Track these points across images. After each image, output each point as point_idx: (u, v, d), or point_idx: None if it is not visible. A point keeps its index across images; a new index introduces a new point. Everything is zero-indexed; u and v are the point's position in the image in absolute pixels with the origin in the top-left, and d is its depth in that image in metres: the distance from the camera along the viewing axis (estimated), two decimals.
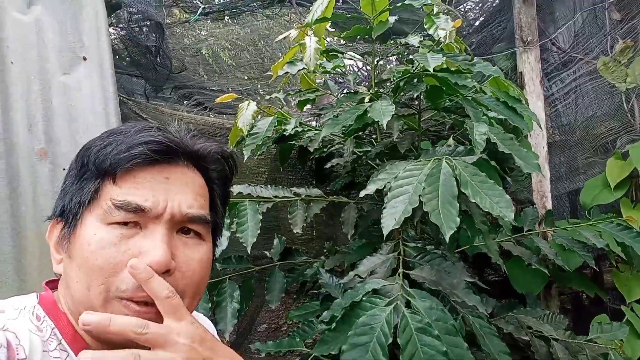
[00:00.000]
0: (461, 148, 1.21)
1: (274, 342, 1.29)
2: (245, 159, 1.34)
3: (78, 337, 0.61)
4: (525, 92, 1.75)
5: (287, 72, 1.36)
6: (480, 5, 2.14)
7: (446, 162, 1.01)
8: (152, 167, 0.62)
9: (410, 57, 1.24)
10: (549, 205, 1.73)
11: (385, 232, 0.92)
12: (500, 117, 1.33)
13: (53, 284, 0.66)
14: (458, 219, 0.91)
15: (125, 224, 0.59)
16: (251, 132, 1.34)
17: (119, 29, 1.64)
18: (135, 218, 0.60)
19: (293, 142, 1.55)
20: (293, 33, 1.30)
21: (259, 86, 3.03)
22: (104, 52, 1.55)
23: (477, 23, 2.06)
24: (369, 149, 1.46)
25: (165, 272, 0.59)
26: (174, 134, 0.64)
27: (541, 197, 1.73)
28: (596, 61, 1.78)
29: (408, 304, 0.87)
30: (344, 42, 1.89)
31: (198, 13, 1.63)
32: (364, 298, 0.86)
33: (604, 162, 1.73)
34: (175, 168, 0.64)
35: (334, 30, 1.67)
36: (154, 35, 1.55)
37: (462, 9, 2.02)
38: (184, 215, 0.62)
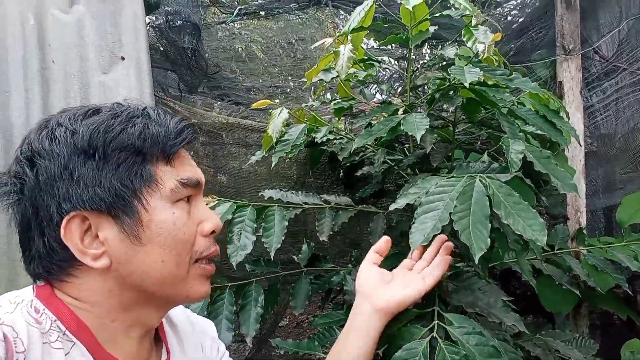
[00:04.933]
0: (495, 165, 1.19)
1: (293, 341, 1.31)
2: (272, 166, 1.35)
3: (82, 325, 0.62)
4: (564, 102, 1.70)
5: (321, 80, 1.36)
6: (519, 7, 2.08)
7: (480, 180, 0.99)
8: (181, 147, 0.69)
9: (448, 69, 1.21)
10: (584, 221, 1.69)
11: (412, 248, 0.91)
12: (538, 131, 1.29)
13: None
14: (489, 240, 0.89)
15: (184, 199, 0.67)
16: (281, 139, 1.35)
17: (156, 29, 1.66)
18: (192, 192, 0.68)
19: (324, 148, 1.55)
20: (328, 41, 1.30)
21: (290, 82, 3.03)
22: (142, 52, 1.57)
23: (516, 26, 2.00)
24: (401, 158, 1.44)
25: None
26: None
27: (575, 212, 1.69)
28: None
29: (447, 333, 0.87)
30: (378, 44, 1.87)
31: (234, 14, 1.63)
32: (402, 328, 0.87)
33: None
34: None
35: (368, 32, 1.64)
36: (190, 36, 1.56)
37: (501, 14, 1.97)
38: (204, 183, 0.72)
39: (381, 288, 0.90)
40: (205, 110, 1.77)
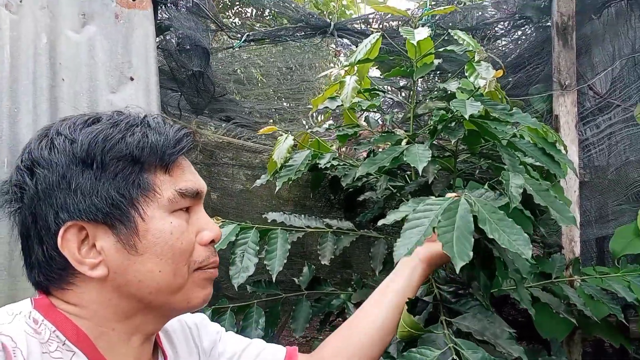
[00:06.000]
0: (490, 193, 1.20)
1: None
2: (276, 190, 1.38)
3: (82, 335, 0.62)
4: (559, 135, 1.75)
5: (327, 107, 1.41)
6: (516, 42, 2.14)
7: (465, 199, 1.00)
8: (181, 156, 0.68)
9: (450, 101, 1.25)
10: (578, 251, 1.72)
11: (395, 260, 0.90)
12: (537, 163, 1.33)
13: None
14: (471, 254, 0.89)
15: (183, 209, 0.66)
16: (286, 164, 1.37)
17: (165, 51, 1.70)
18: (192, 202, 0.67)
19: (327, 172, 1.58)
20: (334, 72, 1.34)
21: (284, 102, 3.07)
22: (151, 74, 1.60)
23: (513, 59, 2.07)
24: (403, 184, 1.48)
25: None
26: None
27: (570, 241, 1.73)
28: (633, 108, 1.78)
29: (457, 355, 0.88)
30: (382, 75, 1.93)
31: (242, 39, 1.68)
32: (412, 349, 0.88)
33: (635, 210, 1.72)
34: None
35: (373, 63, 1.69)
36: (199, 59, 1.60)
37: (499, 48, 2.04)
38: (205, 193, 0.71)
39: (427, 242, 0.92)
40: (199, 129, 1.79)
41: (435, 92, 1.45)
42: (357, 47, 1.41)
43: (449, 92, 1.33)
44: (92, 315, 0.64)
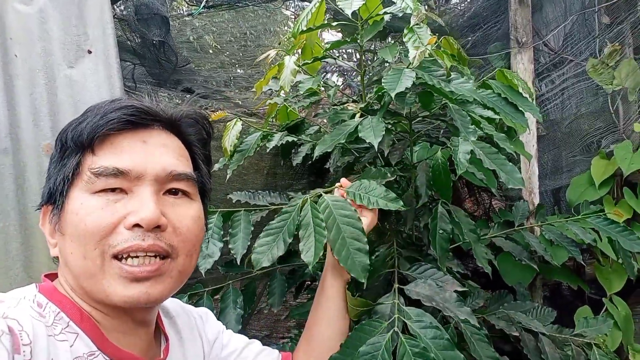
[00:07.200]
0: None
1: (277, 344, 1.34)
2: (226, 179, 1.36)
3: (85, 316, 0.64)
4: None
5: (271, 89, 1.40)
6: (472, 1, 2.17)
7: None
8: (129, 133, 0.65)
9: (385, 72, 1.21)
10: (537, 201, 1.82)
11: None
12: (495, 117, 1.30)
13: (52, 277, 0.70)
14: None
15: (112, 190, 0.63)
16: (239, 148, 1.36)
17: (123, 22, 1.64)
18: (118, 183, 0.63)
19: (297, 141, 1.59)
20: (272, 53, 1.32)
21: (238, 69, 3.01)
22: (110, 46, 1.55)
23: (471, 18, 2.10)
24: (366, 148, 1.49)
25: (157, 228, 0.63)
26: (148, 102, 0.69)
27: (530, 193, 1.82)
28: (585, 63, 1.86)
29: (405, 325, 0.92)
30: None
31: (202, 6, 1.63)
32: (363, 321, 0.93)
33: (587, 161, 1.83)
34: (152, 132, 0.67)
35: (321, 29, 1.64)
36: (158, 29, 1.55)
37: (457, 7, 2.07)
38: (168, 174, 0.66)
39: None
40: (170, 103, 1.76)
41: (376, 60, 1.44)
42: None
43: (388, 62, 1.30)
44: (79, 296, 0.66)
